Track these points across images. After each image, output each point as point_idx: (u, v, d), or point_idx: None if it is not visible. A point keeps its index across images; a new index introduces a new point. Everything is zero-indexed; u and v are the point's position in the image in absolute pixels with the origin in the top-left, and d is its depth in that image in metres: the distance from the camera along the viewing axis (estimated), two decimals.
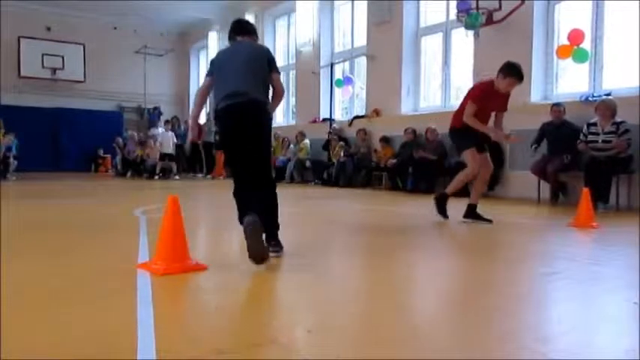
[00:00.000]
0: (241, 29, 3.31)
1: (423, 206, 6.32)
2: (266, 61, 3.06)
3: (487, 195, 7.90)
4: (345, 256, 3.21)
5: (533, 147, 6.96)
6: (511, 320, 1.81)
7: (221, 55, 3.20)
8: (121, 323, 1.67)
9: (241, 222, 2.71)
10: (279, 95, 3.13)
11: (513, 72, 4.47)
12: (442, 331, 1.69)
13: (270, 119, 3.05)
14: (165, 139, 13.54)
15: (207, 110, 16.05)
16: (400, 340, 1.58)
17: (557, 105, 6.96)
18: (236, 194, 3.03)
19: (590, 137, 6.23)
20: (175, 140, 13.96)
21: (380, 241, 3.72)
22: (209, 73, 3.13)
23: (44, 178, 12.79)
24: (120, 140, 15.87)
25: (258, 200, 2.86)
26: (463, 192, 5.03)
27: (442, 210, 4.76)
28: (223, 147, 3.16)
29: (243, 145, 2.91)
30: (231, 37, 3.31)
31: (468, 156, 4.63)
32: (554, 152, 6.79)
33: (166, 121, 14.37)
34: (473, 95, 4.60)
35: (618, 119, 6.09)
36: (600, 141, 6.11)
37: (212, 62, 3.18)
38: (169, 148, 13.54)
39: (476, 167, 4.61)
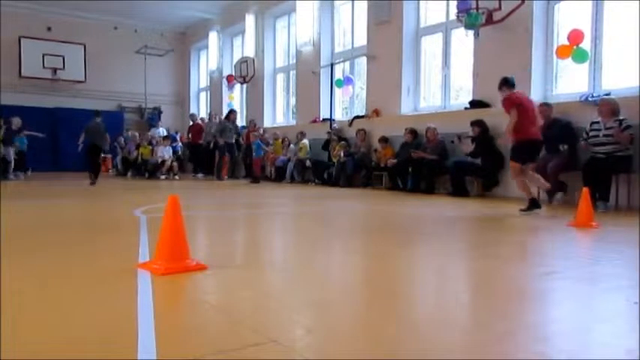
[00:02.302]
0: (97, 114, 10.90)
1: (423, 206, 6.32)
2: (104, 128, 10.64)
3: (486, 194, 7.92)
4: (345, 256, 3.21)
5: None
6: (511, 320, 1.81)
7: (90, 125, 10.52)
8: (121, 323, 1.67)
9: (95, 176, 10.25)
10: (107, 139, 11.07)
11: None
12: (442, 331, 1.69)
13: (103, 150, 11.41)
14: (164, 153, 13.62)
15: (208, 111, 16.07)
16: (400, 340, 1.58)
17: (544, 105, 7.01)
18: (92, 169, 10.33)
19: (592, 133, 6.25)
20: (171, 156, 13.98)
21: (380, 240, 3.72)
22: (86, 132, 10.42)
23: (44, 177, 12.78)
24: (122, 140, 15.88)
25: (98, 169, 10.73)
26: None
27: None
28: (88, 155, 10.74)
29: (96, 154, 10.65)
30: (94, 116, 10.80)
31: None
32: (550, 151, 6.85)
33: (166, 137, 14.38)
34: None
35: (620, 117, 6.10)
36: (601, 135, 6.12)
37: (87, 128, 10.56)
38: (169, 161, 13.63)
39: None
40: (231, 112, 13.02)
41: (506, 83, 5.67)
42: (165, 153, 13.66)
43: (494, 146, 7.90)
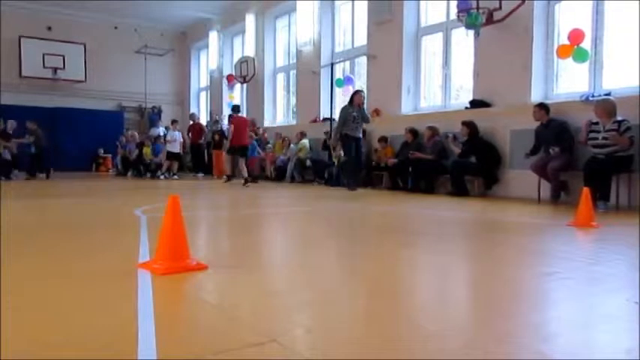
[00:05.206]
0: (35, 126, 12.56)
1: (423, 206, 6.32)
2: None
3: (486, 194, 7.92)
4: (345, 256, 3.21)
5: (526, 155, 7.04)
6: (511, 320, 1.81)
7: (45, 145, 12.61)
8: (121, 323, 1.67)
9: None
10: None
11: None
12: (442, 331, 1.69)
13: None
14: (173, 138, 13.57)
15: (209, 110, 16.06)
16: (400, 340, 1.58)
17: (537, 106, 7.02)
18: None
19: (592, 135, 6.25)
20: (181, 140, 13.97)
21: (380, 240, 3.72)
22: None
23: (44, 177, 12.77)
24: (123, 139, 15.90)
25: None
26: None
27: None
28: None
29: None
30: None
31: None
32: (547, 151, 6.87)
33: (173, 121, 14.31)
34: None
35: (619, 118, 6.09)
36: (600, 138, 6.12)
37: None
38: (176, 148, 13.57)
39: None
40: (356, 93, 9.00)
41: (233, 109, 11.00)
42: (175, 137, 13.56)
43: (487, 144, 7.93)
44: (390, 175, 9.36)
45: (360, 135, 8.93)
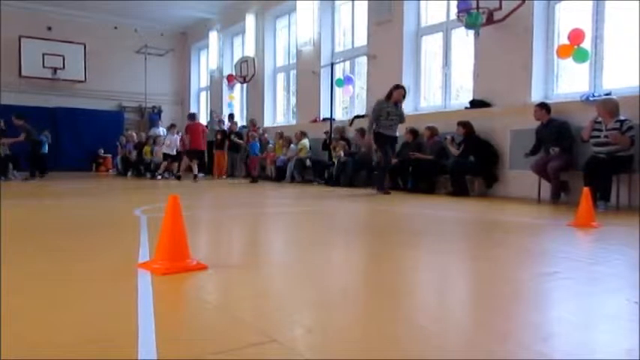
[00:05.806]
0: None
1: (423, 206, 6.32)
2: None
3: (486, 194, 7.92)
4: (346, 256, 3.20)
5: (526, 154, 7.05)
6: (511, 320, 1.81)
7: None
8: (121, 323, 1.67)
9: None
10: None
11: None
12: (442, 331, 1.69)
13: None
14: (171, 141, 13.54)
15: (208, 111, 16.03)
16: (400, 340, 1.58)
17: (537, 106, 7.03)
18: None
19: (594, 133, 6.25)
20: (177, 144, 13.93)
21: (380, 240, 3.72)
22: None
23: (44, 177, 12.77)
24: (123, 139, 15.90)
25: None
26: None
27: None
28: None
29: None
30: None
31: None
32: (547, 151, 6.88)
33: (171, 125, 14.27)
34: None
35: (622, 117, 6.09)
36: (602, 136, 6.13)
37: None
38: (173, 150, 13.54)
39: None
40: (397, 88, 8.17)
41: (189, 116, 12.78)
42: (172, 141, 13.53)
43: (483, 142, 7.95)
44: (390, 175, 9.35)
45: (396, 134, 8.13)
